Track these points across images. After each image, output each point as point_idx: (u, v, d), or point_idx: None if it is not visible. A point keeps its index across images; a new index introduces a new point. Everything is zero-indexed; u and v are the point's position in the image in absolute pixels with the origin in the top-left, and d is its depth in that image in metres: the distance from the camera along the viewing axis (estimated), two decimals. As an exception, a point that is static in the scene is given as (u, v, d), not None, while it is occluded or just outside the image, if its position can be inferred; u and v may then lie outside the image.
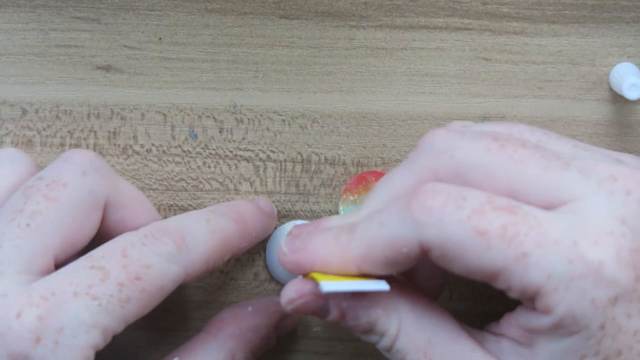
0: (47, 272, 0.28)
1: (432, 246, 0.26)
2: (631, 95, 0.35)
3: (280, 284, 0.37)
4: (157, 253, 0.29)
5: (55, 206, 0.29)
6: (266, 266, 0.37)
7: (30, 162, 0.33)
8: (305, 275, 0.29)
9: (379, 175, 0.36)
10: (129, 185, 0.33)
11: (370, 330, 0.29)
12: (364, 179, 0.36)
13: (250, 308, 0.35)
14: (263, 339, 0.34)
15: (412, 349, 0.28)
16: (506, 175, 0.27)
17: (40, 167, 0.37)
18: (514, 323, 0.28)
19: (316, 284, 0.28)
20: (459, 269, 0.26)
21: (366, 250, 0.27)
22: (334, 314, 0.29)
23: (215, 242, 0.31)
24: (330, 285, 0.27)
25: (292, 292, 0.29)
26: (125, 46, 0.37)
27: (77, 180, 0.30)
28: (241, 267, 0.37)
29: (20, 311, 0.26)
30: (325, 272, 0.28)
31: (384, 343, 0.29)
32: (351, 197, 0.36)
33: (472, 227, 0.25)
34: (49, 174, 0.30)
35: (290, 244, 0.29)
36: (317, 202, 0.37)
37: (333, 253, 0.28)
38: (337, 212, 0.37)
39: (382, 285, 0.28)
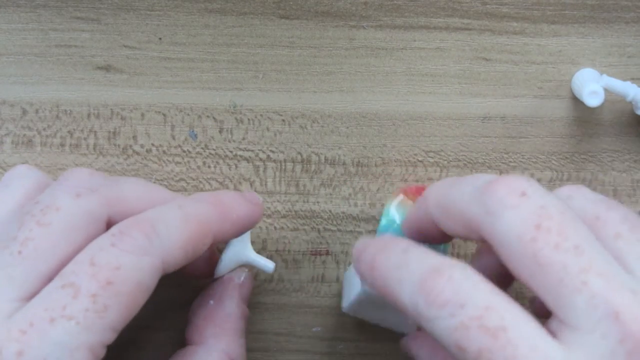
0: None
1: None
2: (591, 102, 0.35)
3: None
4: (127, 250, 0.28)
5: (48, 231, 0.29)
6: None
7: (38, 177, 0.32)
8: None
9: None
10: (136, 187, 0.32)
11: None
12: (420, 191, 0.36)
13: (211, 301, 0.35)
14: (241, 318, 0.34)
15: None
16: (526, 270, 0.26)
17: (43, 169, 0.37)
18: None
19: None
20: None
21: None
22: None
23: (190, 226, 0.30)
24: None
25: None
26: (125, 46, 0.37)
27: (70, 203, 0.29)
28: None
29: (0, 348, 0.26)
30: None
31: None
32: (409, 202, 0.36)
33: (455, 339, 0.25)
34: (44, 199, 0.30)
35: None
36: (317, 202, 0.37)
37: None
38: (338, 213, 0.37)
39: None
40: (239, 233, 0.33)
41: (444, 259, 0.27)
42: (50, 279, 0.28)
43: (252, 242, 0.37)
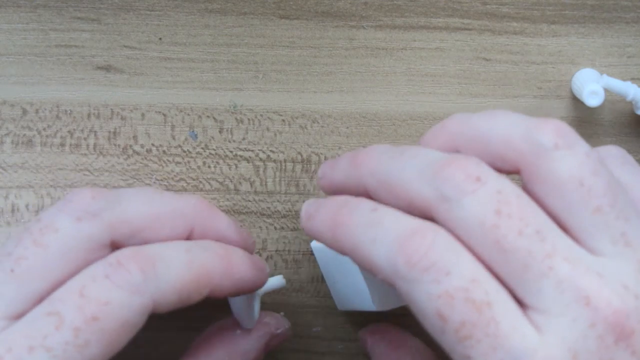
0: None
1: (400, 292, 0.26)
2: (591, 102, 0.35)
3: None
4: (119, 285, 0.27)
5: (43, 252, 0.28)
6: None
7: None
8: None
9: None
10: (141, 206, 0.30)
11: None
12: None
13: (239, 331, 0.34)
14: None
15: None
16: (489, 256, 0.25)
17: (43, 169, 0.37)
18: None
19: None
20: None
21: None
22: None
23: (191, 272, 0.29)
24: None
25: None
26: (125, 46, 0.37)
27: (70, 226, 0.28)
28: (241, 267, 0.37)
29: None
30: None
31: None
32: None
33: (436, 307, 0.25)
34: (45, 217, 0.29)
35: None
36: (317, 202, 0.37)
37: None
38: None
39: None
40: (234, 293, 0.31)
41: (423, 222, 0.26)
42: (41, 299, 0.28)
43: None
